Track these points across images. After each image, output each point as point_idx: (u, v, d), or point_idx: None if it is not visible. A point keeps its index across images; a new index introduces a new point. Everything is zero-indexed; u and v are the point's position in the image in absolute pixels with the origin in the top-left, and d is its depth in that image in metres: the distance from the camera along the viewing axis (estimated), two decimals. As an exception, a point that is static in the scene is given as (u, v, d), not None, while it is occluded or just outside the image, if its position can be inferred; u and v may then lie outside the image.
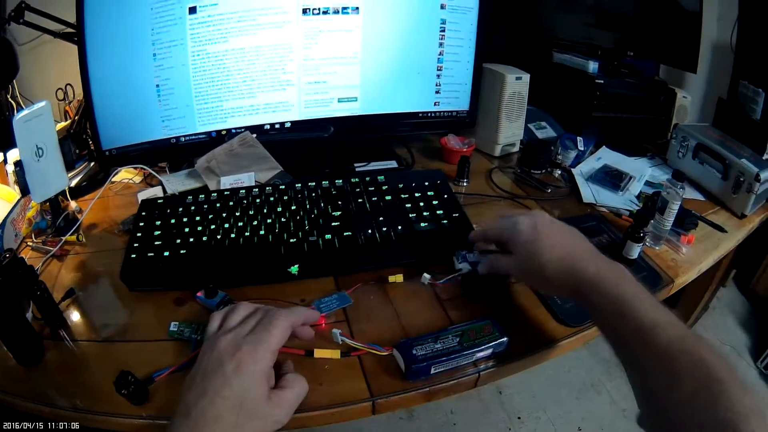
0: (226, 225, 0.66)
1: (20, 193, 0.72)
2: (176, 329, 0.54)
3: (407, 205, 0.70)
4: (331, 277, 0.64)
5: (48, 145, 0.68)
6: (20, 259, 0.52)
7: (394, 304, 0.60)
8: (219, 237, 0.64)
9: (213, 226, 0.66)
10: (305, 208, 0.69)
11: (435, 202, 0.71)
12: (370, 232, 0.65)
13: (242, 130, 0.83)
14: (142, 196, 0.74)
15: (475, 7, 0.89)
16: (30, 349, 0.52)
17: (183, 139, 0.81)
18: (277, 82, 0.82)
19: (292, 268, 0.61)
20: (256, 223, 0.66)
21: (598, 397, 1.46)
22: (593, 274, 0.48)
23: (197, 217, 0.67)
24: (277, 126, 0.86)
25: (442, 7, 0.86)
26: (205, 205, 0.69)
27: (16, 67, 0.91)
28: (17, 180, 0.71)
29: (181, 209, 0.69)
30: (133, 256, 0.62)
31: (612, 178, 0.90)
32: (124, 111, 0.77)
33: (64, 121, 0.98)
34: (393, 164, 0.94)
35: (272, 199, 0.70)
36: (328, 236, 0.64)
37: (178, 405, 0.40)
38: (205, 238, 0.64)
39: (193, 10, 0.74)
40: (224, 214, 0.67)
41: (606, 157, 0.97)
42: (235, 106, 0.82)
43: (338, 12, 0.80)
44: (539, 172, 0.94)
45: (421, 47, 0.88)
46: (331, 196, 0.71)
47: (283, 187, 0.73)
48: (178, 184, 0.81)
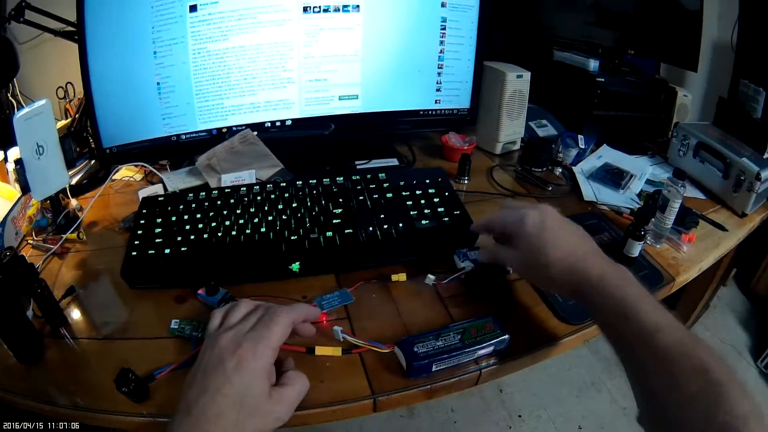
0: (227, 222, 0.66)
1: (21, 191, 0.72)
2: (177, 327, 0.54)
3: (408, 203, 0.70)
4: (333, 275, 0.64)
5: (48, 143, 0.68)
6: (21, 257, 0.52)
7: (395, 302, 0.60)
8: (220, 234, 0.64)
9: (214, 224, 0.65)
10: (306, 206, 0.69)
11: (436, 200, 0.71)
12: (372, 229, 0.65)
13: (243, 128, 0.83)
14: (143, 194, 0.74)
15: (475, 5, 0.89)
16: (30, 347, 0.52)
17: (184, 137, 0.81)
18: (278, 80, 0.82)
19: (294, 265, 0.61)
20: (257, 220, 0.66)
21: (599, 395, 1.46)
22: (597, 275, 0.48)
23: (198, 215, 0.67)
24: (278, 124, 0.86)
25: (443, 5, 0.86)
26: (206, 203, 0.69)
27: (17, 66, 0.91)
28: (18, 178, 0.71)
29: (182, 207, 0.68)
30: (133, 253, 0.62)
31: (613, 177, 0.90)
32: (124, 109, 0.77)
33: (65, 119, 0.98)
34: (394, 162, 0.94)
35: (273, 197, 0.70)
36: (329, 234, 0.64)
37: (179, 403, 0.40)
38: (206, 236, 0.64)
39: (193, 8, 0.74)
40: (225, 212, 0.67)
41: (607, 156, 0.97)
42: (236, 103, 0.82)
43: (339, 10, 0.80)
44: (540, 170, 0.94)
45: (422, 45, 0.88)
46: (332, 194, 0.71)
47: (284, 185, 0.72)
48: (178, 181, 0.81)
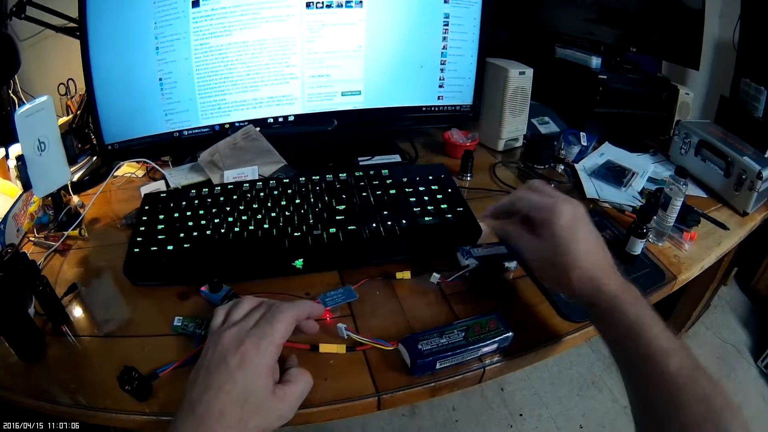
0: (230, 219, 0.65)
1: (22, 187, 0.71)
2: (180, 324, 0.54)
3: (411, 200, 0.70)
4: (336, 272, 0.63)
5: (50, 140, 0.67)
6: (22, 254, 0.51)
7: (399, 299, 0.59)
8: (223, 231, 0.64)
9: (217, 220, 0.65)
10: (309, 202, 0.69)
11: (439, 197, 0.71)
12: (375, 226, 0.65)
13: (245, 124, 0.83)
14: (145, 190, 0.74)
15: (478, 1, 0.89)
16: (32, 344, 0.51)
17: (186, 133, 0.81)
18: (281, 76, 0.82)
19: (297, 262, 0.61)
20: (260, 216, 0.66)
21: (600, 394, 1.46)
22: (614, 292, 0.46)
23: (201, 211, 0.66)
24: (281, 119, 0.86)
25: (446, 1, 0.86)
26: (209, 199, 0.69)
27: (18, 63, 0.91)
28: (19, 175, 0.71)
29: (184, 203, 0.68)
30: (136, 250, 0.61)
31: (615, 174, 0.90)
32: (126, 105, 0.76)
33: (66, 115, 0.97)
34: (396, 158, 0.93)
35: (276, 193, 0.70)
36: (333, 230, 0.64)
37: (183, 400, 0.39)
38: (209, 232, 0.63)
39: (196, 4, 0.74)
40: (228, 208, 0.67)
41: (609, 153, 0.97)
42: (239, 99, 0.81)
43: (342, 5, 0.80)
44: (542, 168, 0.94)
45: (425, 41, 0.88)
46: (335, 190, 0.71)
47: (287, 181, 0.72)
48: (181, 178, 0.81)
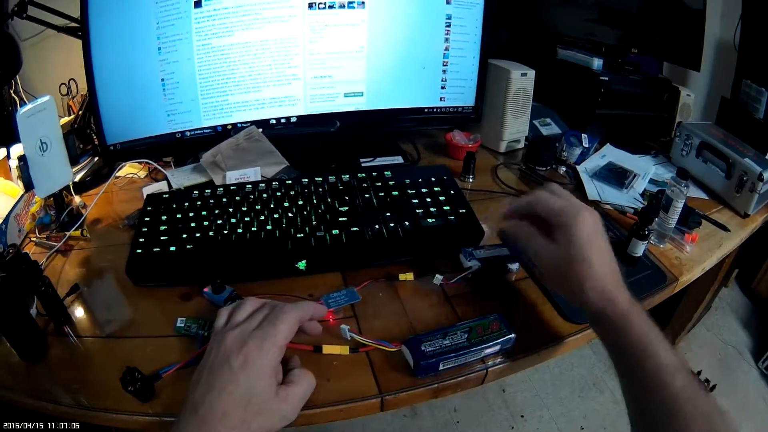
0: (233, 220, 0.65)
1: (24, 188, 0.71)
2: (183, 325, 0.54)
3: (414, 201, 0.70)
4: (339, 273, 0.63)
5: (52, 140, 0.67)
6: (24, 254, 0.51)
7: (402, 301, 0.59)
8: (225, 232, 0.63)
9: (219, 221, 0.65)
10: (312, 203, 0.69)
11: (442, 198, 0.71)
12: (378, 227, 0.65)
13: (248, 125, 0.82)
14: (147, 191, 0.74)
15: (480, 2, 0.89)
16: (34, 345, 0.51)
17: (188, 134, 0.81)
18: (283, 77, 0.82)
19: (300, 263, 0.61)
20: (263, 218, 0.66)
21: (601, 395, 1.46)
22: (624, 308, 0.46)
23: (203, 212, 0.66)
24: (283, 120, 0.86)
25: (448, 2, 0.86)
26: (211, 200, 0.69)
27: (19, 63, 0.91)
28: (21, 175, 0.70)
29: (186, 204, 0.68)
30: (138, 251, 0.61)
31: (616, 176, 0.90)
32: (128, 105, 0.76)
33: (68, 116, 0.97)
34: (399, 160, 0.93)
35: (279, 194, 0.70)
36: (336, 231, 0.64)
37: (185, 401, 0.39)
38: (212, 233, 0.63)
39: (198, 4, 0.74)
40: (230, 209, 0.67)
41: (610, 155, 0.97)
42: (241, 100, 0.81)
43: (344, 6, 0.80)
44: (544, 169, 0.94)
45: (427, 42, 0.88)
46: (338, 191, 0.71)
47: (290, 182, 0.72)
48: (183, 178, 0.81)
